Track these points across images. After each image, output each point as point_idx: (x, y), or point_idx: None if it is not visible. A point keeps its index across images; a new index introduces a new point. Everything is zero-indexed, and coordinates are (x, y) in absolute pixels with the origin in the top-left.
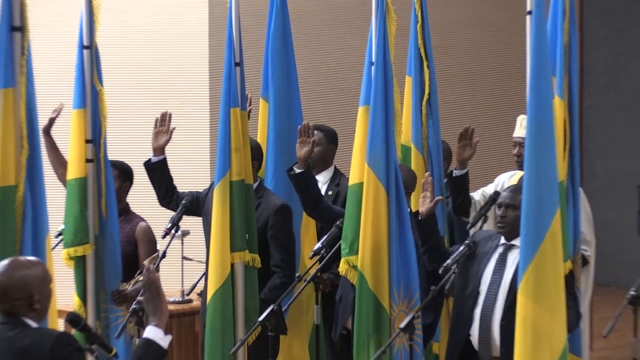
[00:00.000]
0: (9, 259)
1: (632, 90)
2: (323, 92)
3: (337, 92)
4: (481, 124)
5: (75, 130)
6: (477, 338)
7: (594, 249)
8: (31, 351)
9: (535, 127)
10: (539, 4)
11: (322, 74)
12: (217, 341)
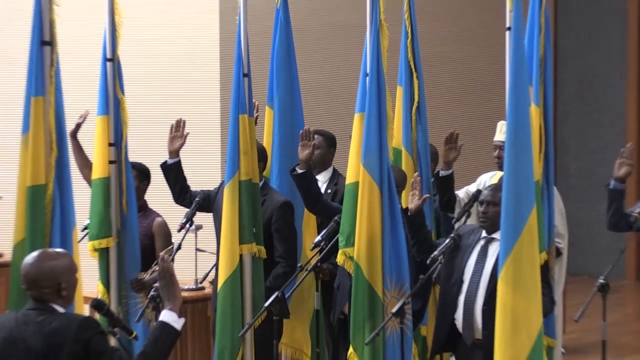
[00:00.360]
0: (39, 251)
1: (601, 99)
2: (322, 100)
3: (335, 100)
4: (465, 129)
5: (99, 134)
6: (461, 322)
7: (567, 242)
8: (58, 334)
9: (513, 132)
10: (517, 21)
11: (321, 84)
12: (227, 325)
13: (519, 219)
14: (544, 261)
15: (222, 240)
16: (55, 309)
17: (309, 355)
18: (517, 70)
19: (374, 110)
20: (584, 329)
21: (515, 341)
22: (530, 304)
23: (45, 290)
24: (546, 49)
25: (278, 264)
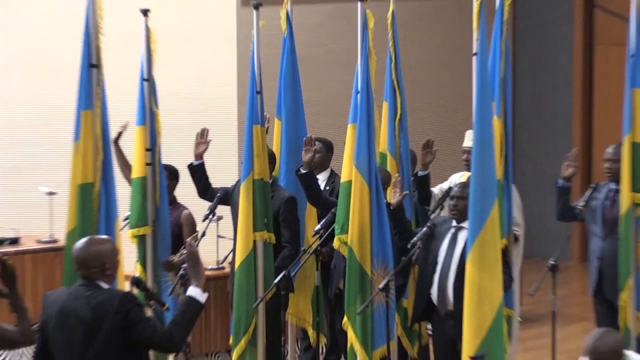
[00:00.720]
0: (87, 237)
1: (551, 112)
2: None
3: (332, 112)
4: (439, 137)
5: (137, 141)
6: (436, 296)
7: (523, 230)
8: (103, 306)
9: (479, 139)
10: (482, 48)
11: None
12: (242, 298)
13: (484, 211)
14: (504, 246)
15: (238, 229)
16: (100, 286)
17: (310, 323)
18: (482, 88)
19: (364, 122)
20: (537, 302)
21: (480, 312)
22: (492, 281)
23: (92, 270)
24: (506, 70)
25: (285, 248)
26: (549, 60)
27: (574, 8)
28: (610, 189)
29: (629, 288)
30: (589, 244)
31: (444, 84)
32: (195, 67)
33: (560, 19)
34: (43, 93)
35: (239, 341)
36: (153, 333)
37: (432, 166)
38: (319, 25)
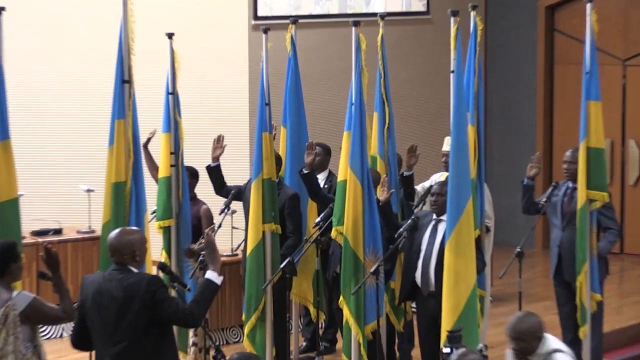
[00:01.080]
0: (120, 228)
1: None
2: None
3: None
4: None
5: (163, 146)
6: (420, 279)
7: (494, 222)
8: (133, 287)
9: (455, 144)
10: (458, 66)
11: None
12: (253, 280)
13: (460, 206)
14: (477, 235)
15: (250, 221)
16: (131, 270)
17: (311, 302)
18: (458, 100)
19: (357, 129)
20: (506, 284)
21: (457, 292)
22: (467, 266)
23: (124, 256)
24: (479, 85)
25: (289, 237)
26: (515, 76)
27: (537, 32)
28: (568, 187)
29: (585, 272)
30: (550, 234)
31: (425, 97)
32: (212, 83)
33: (525, 41)
34: (84, 105)
35: (250, 317)
36: (176, 310)
37: (415, 167)
38: (319, 47)
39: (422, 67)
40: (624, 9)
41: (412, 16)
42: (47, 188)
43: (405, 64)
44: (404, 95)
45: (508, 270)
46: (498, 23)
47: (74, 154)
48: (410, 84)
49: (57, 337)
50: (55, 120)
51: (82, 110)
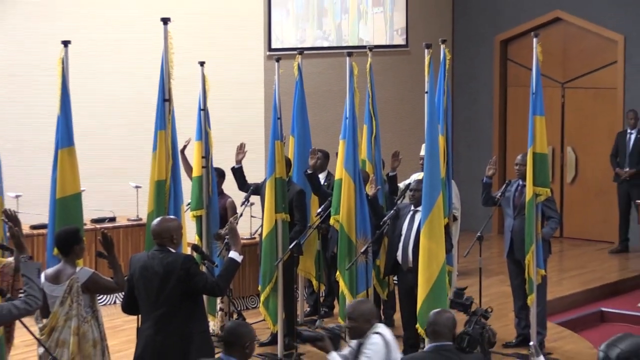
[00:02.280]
0: (160, 217)
1: (478, 132)
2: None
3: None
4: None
5: (196, 151)
6: (400, 257)
7: (460, 212)
8: (172, 264)
9: (429, 150)
10: (431, 87)
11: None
12: (267, 259)
13: (432, 199)
14: (446, 223)
15: (265, 211)
16: (170, 250)
17: (314, 276)
18: (431, 115)
19: (350, 138)
20: (469, 261)
21: (430, 268)
22: (438, 247)
23: (164, 239)
24: (447, 103)
25: (296, 224)
26: (476, 96)
27: (493, 61)
28: (518, 184)
29: (532, 252)
30: (504, 222)
31: (405, 113)
32: (235, 101)
33: (484, 68)
34: (134, 118)
35: (265, 288)
36: (205, 283)
37: (398, 169)
38: (320, 73)
39: (402, 88)
40: (563, 43)
41: (394, 48)
42: (103, 185)
43: (389, 86)
44: (388, 111)
45: (471, 250)
46: (462, 54)
47: (125, 157)
48: (392, 102)
49: (111, 303)
50: (110, 130)
51: (131, 122)
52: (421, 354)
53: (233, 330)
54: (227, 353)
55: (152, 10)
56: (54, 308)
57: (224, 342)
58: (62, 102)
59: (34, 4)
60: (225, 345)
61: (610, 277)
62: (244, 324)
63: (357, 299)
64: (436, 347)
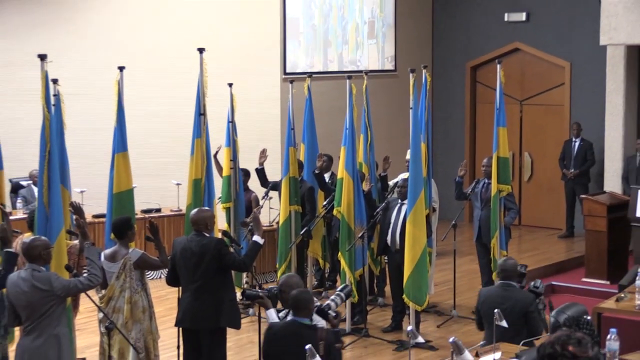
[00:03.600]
0: (197, 208)
1: (453, 140)
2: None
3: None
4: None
5: (226, 155)
6: (390, 240)
7: (439, 205)
8: (206, 246)
9: (413, 154)
10: (415, 104)
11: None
12: (283, 242)
13: (416, 194)
14: (427, 213)
15: (281, 203)
16: (205, 235)
17: (320, 256)
18: (415, 126)
19: (350, 145)
20: (445, 244)
21: (414, 250)
22: (421, 232)
23: (200, 226)
24: (428, 117)
25: (307, 215)
26: (452, 111)
27: (465, 83)
28: (485, 182)
29: (496, 236)
30: (473, 212)
31: (394, 124)
32: (256, 115)
33: (457, 88)
34: (176, 128)
35: (281, 265)
36: (234, 261)
37: (388, 170)
38: (325, 92)
39: (391, 105)
40: (521, 68)
41: (385, 72)
42: (151, 182)
43: (381, 103)
44: (380, 123)
45: (447, 235)
46: (440, 77)
47: (168, 160)
48: (384, 116)
49: (157, 278)
50: (156, 138)
51: (173, 131)
52: (493, 287)
53: (299, 298)
54: (297, 315)
55: (190, 41)
56: (111, 281)
57: (293, 308)
58: (118, 116)
59: (98, 36)
60: (294, 309)
61: (559, 257)
62: (305, 291)
63: (287, 274)
64: (503, 284)
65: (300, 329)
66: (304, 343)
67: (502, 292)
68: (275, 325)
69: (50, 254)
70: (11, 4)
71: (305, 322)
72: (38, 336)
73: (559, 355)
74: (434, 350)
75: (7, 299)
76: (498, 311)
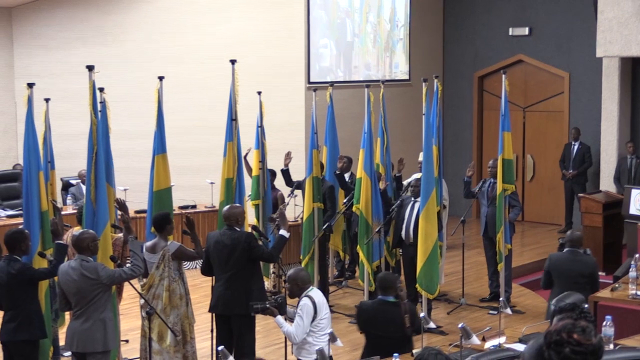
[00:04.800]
0: (229, 205)
1: (461, 143)
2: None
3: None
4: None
5: (255, 157)
6: (404, 234)
7: (449, 202)
8: (237, 239)
9: (425, 156)
10: (427, 110)
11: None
12: (307, 236)
13: (428, 192)
14: (438, 210)
15: (305, 201)
16: (236, 229)
17: (341, 249)
18: (427, 130)
19: (368, 147)
20: (455, 238)
21: (426, 243)
22: (432, 227)
23: (232, 221)
24: (439, 121)
25: (328, 211)
26: (460, 117)
27: (473, 91)
28: (491, 182)
29: (501, 231)
30: (480, 209)
31: (408, 129)
32: (283, 120)
33: (466, 96)
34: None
35: (305, 257)
36: (262, 253)
37: (402, 170)
38: (346, 99)
39: (405, 111)
40: (524, 78)
41: (400, 82)
42: (188, 180)
43: (396, 110)
44: (395, 127)
45: (456, 230)
46: (450, 86)
47: (203, 161)
48: (399, 121)
49: (193, 268)
50: (192, 141)
51: (207, 135)
52: (563, 253)
53: (385, 278)
54: (383, 294)
55: (223, 53)
56: (151, 271)
57: (381, 287)
58: (158, 120)
59: (140, 49)
60: (382, 289)
61: None
62: (390, 274)
63: (295, 267)
64: (571, 251)
65: (386, 305)
66: (389, 317)
67: (571, 256)
68: (364, 304)
69: (97, 245)
70: (60, 21)
71: (390, 299)
72: (86, 320)
73: (565, 342)
74: (444, 335)
75: (58, 286)
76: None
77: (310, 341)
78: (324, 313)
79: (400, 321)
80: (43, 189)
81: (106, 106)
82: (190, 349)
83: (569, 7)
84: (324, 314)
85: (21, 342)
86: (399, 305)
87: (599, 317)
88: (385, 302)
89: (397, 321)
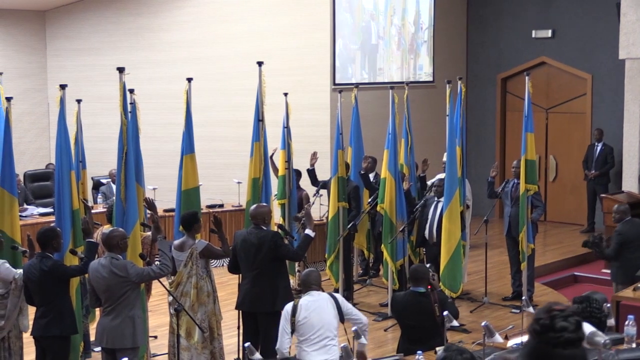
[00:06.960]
0: (256, 204)
1: (485, 144)
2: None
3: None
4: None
5: (281, 157)
6: (428, 234)
7: (472, 202)
8: (264, 238)
9: (449, 157)
10: (451, 112)
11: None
12: (332, 234)
13: (451, 193)
14: (461, 210)
15: (330, 200)
16: (262, 228)
17: (365, 248)
18: (451, 131)
19: (392, 148)
20: (478, 238)
21: (449, 243)
22: (456, 226)
23: (258, 220)
24: (463, 123)
25: (352, 210)
26: (484, 118)
27: (496, 92)
28: (514, 182)
29: (524, 231)
30: (504, 209)
31: (432, 129)
32: (309, 121)
33: (489, 98)
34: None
35: (330, 256)
36: (288, 251)
37: (426, 171)
38: (370, 101)
39: (429, 113)
40: (547, 80)
41: (424, 84)
42: (215, 180)
43: (420, 111)
44: (419, 129)
45: (479, 230)
46: (474, 88)
47: (231, 161)
48: (423, 122)
49: (220, 266)
50: (219, 142)
51: (236, 135)
52: (627, 221)
53: (417, 270)
54: (415, 285)
55: (250, 56)
56: (180, 269)
57: (413, 279)
58: (187, 121)
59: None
60: (413, 281)
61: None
62: (421, 265)
63: (307, 269)
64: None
65: (416, 296)
66: (420, 307)
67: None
68: (397, 295)
69: (126, 243)
70: (91, 25)
71: (421, 290)
72: (116, 316)
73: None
74: (468, 333)
75: (89, 284)
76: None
77: (303, 355)
78: (302, 317)
79: (431, 310)
80: (74, 188)
81: (136, 107)
82: (218, 345)
83: (592, 10)
84: (302, 317)
85: (53, 337)
86: (429, 296)
87: (621, 316)
88: (415, 293)
89: (427, 310)
